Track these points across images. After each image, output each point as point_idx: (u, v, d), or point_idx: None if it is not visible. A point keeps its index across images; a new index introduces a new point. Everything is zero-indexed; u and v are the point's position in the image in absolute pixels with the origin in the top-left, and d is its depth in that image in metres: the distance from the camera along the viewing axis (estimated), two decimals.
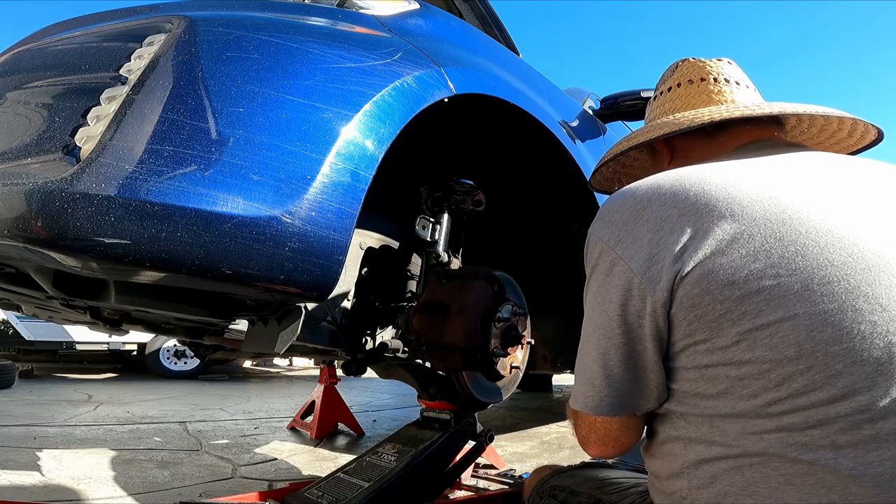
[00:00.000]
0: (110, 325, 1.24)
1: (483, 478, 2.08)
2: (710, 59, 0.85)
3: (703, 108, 0.78)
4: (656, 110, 0.87)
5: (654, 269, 0.58)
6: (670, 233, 0.58)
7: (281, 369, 8.41)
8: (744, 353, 0.53)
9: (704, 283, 0.55)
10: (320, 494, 1.24)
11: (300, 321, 0.90)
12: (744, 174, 0.61)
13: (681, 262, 0.56)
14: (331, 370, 3.12)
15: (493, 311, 1.24)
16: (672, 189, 0.61)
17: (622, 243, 0.61)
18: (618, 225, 0.63)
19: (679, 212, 0.58)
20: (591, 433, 0.68)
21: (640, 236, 0.60)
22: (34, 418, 3.04)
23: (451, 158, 1.47)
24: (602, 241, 0.64)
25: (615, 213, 0.64)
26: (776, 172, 0.62)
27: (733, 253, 0.55)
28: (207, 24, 0.84)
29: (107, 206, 0.67)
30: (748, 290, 0.53)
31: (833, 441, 0.49)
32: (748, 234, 0.55)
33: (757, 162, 0.65)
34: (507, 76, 1.35)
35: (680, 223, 0.58)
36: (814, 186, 0.59)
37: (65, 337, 5.76)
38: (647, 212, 0.61)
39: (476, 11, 2.11)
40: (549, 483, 0.86)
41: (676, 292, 0.57)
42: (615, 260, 0.61)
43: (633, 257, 0.60)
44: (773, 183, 0.59)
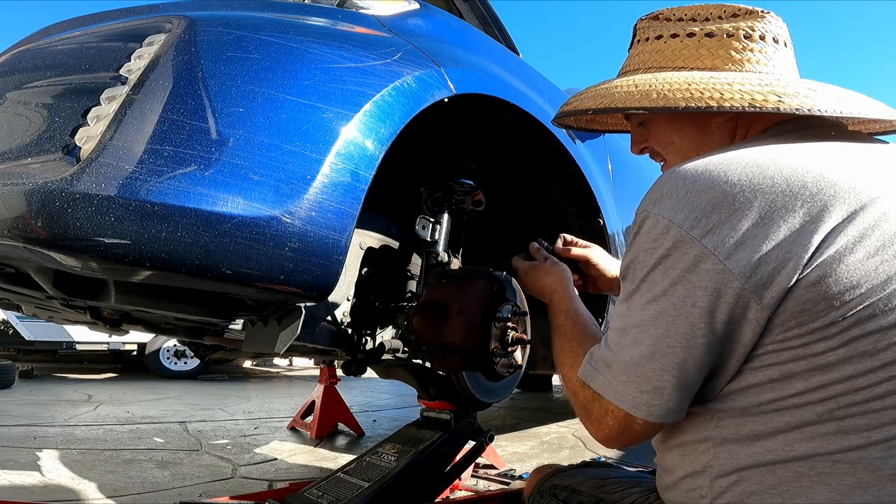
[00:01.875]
0: (110, 325, 1.24)
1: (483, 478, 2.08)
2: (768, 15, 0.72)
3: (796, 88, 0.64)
4: (709, 52, 0.71)
5: (763, 272, 0.50)
6: (782, 227, 0.50)
7: (281, 369, 8.41)
8: (840, 360, 0.50)
9: (823, 286, 0.49)
10: (320, 494, 1.24)
11: (300, 321, 0.90)
12: (850, 159, 0.56)
13: (797, 262, 0.49)
14: (331, 370, 3.12)
15: (492, 311, 1.24)
16: (779, 171, 0.52)
17: (712, 234, 0.51)
18: (703, 209, 0.53)
19: (793, 201, 0.50)
20: (607, 417, 0.60)
21: (739, 228, 0.51)
22: (34, 418, 3.04)
23: (452, 158, 1.47)
24: (678, 225, 0.53)
25: (697, 195, 0.54)
26: (873, 162, 0.57)
27: (860, 251, 0.49)
28: (207, 24, 0.84)
29: (107, 206, 0.67)
30: (867, 293, 0.49)
31: (888, 441, 0.49)
32: (872, 229, 0.50)
33: (850, 148, 0.59)
34: (507, 76, 1.35)
35: (794, 215, 0.50)
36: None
37: (65, 337, 5.77)
38: (748, 198, 0.52)
39: (476, 11, 2.11)
40: (549, 482, 0.86)
41: (786, 298, 0.50)
42: (703, 255, 0.52)
43: (732, 255, 0.50)
44: (877, 173, 0.54)
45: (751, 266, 0.50)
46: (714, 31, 0.71)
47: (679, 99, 0.65)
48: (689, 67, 0.72)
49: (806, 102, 0.62)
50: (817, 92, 0.64)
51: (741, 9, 0.72)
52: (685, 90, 0.66)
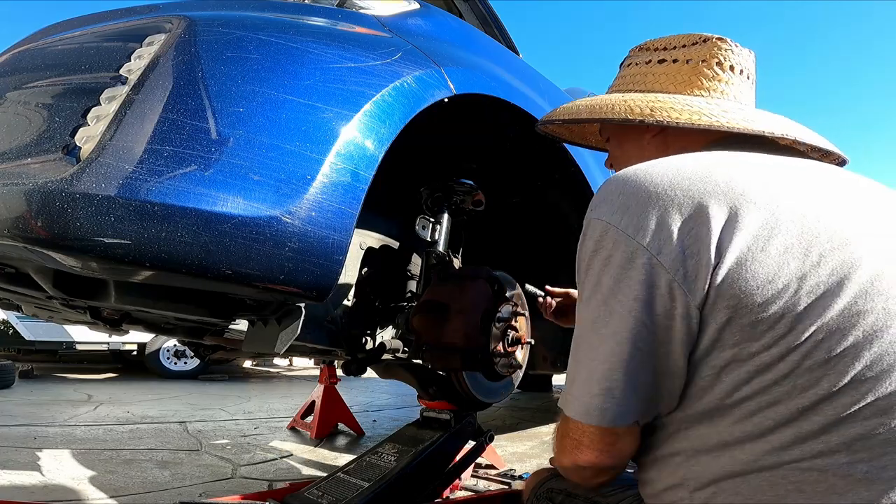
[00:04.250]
0: (110, 325, 1.24)
1: (483, 478, 2.08)
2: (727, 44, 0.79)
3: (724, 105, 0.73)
4: (653, 77, 0.80)
5: (689, 265, 0.52)
6: (704, 223, 0.52)
7: (281, 369, 8.41)
8: (774, 360, 0.50)
9: (740, 281, 0.51)
10: (320, 494, 1.24)
11: (300, 321, 0.90)
12: (767, 168, 0.59)
13: (719, 256, 0.51)
14: (331, 370, 3.12)
15: (493, 311, 1.24)
16: (700, 174, 0.56)
17: (643, 232, 0.54)
18: (634, 209, 0.56)
19: (712, 199, 0.53)
20: (584, 437, 0.60)
21: (666, 224, 0.54)
22: (34, 418, 3.04)
23: (452, 158, 1.47)
24: (614, 226, 0.56)
25: (629, 197, 0.57)
26: (797, 173, 0.60)
27: (771, 248, 0.51)
28: (207, 24, 0.84)
29: (107, 205, 0.67)
30: (783, 289, 0.50)
31: (850, 446, 0.49)
32: (784, 228, 0.52)
33: (773, 160, 0.63)
34: (507, 76, 1.35)
35: (714, 212, 0.53)
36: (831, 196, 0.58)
37: (65, 337, 5.76)
38: (671, 195, 0.55)
39: (476, 11, 2.11)
40: (546, 485, 0.86)
41: (711, 291, 0.52)
42: (637, 251, 0.54)
43: (662, 249, 0.53)
44: (798, 182, 0.58)
45: (678, 259, 0.52)
46: (678, 57, 0.79)
47: (584, 112, 0.77)
48: (633, 90, 0.81)
49: (672, 115, 0.70)
50: (728, 112, 0.71)
51: (701, 37, 0.79)
52: (593, 106, 0.77)
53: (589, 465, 0.61)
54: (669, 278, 0.53)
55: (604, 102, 0.76)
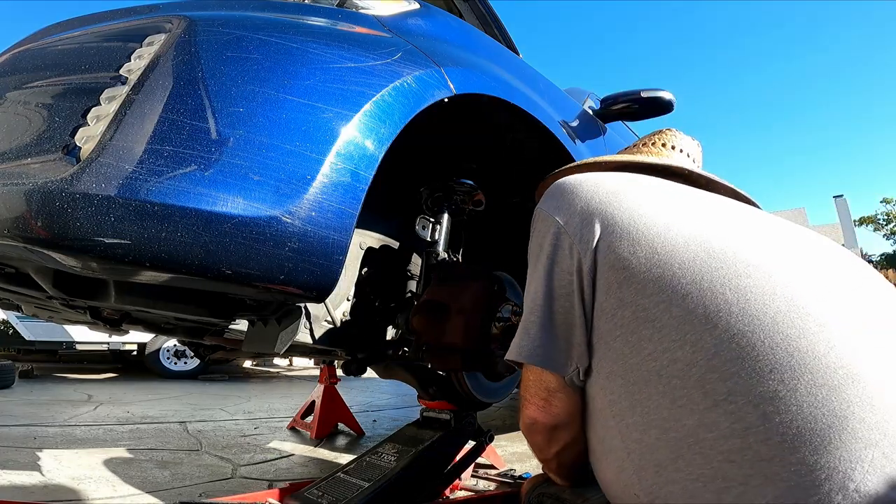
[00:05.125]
0: (110, 325, 1.24)
1: (483, 478, 2.08)
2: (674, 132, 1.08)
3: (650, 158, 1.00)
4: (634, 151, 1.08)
5: (584, 234, 0.70)
6: (596, 213, 0.71)
7: (281, 369, 8.41)
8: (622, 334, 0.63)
9: (610, 254, 0.67)
10: (320, 494, 1.24)
11: (300, 321, 0.90)
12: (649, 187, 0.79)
13: (602, 230, 0.69)
14: (331, 370, 3.12)
15: (493, 311, 1.24)
16: (604, 187, 0.77)
17: (561, 212, 0.75)
18: (559, 202, 0.77)
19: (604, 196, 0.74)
20: (526, 390, 0.74)
21: (574, 208, 0.74)
22: (34, 418, 3.04)
23: (452, 158, 1.47)
24: (546, 212, 0.77)
25: (561, 192, 0.79)
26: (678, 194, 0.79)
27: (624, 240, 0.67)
28: (207, 24, 0.84)
29: (107, 206, 0.67)
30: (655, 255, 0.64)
31: (758, 406, 0.53)
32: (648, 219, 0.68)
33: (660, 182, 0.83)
34: (507, 76, 1.35)
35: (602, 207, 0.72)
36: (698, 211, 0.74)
37: (65, 337, 5.76)
38: (580, 192, 0.76)
39: (476, 11, 2.11)
40: (537, 490, 0.87)
41: (598, 255, 0.68)
42: (554, 225, 0.74)
43: (569, 222, 0.72)
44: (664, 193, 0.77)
45: (577, 229, 0.71)
46: (636, 142, 1.10)
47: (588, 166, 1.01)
48: None
49: (606, 158, 1.00)
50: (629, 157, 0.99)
51: (669, 131, 1.09)
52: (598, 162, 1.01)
53: (531, 420, 0.74)
54: (570, 241, 0.71)
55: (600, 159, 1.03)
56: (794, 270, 0.62)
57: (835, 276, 0.65)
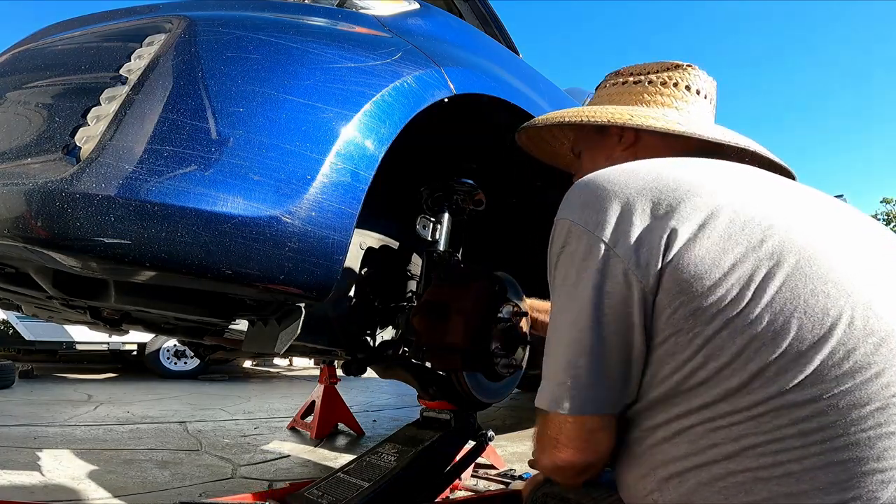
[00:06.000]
0: (110, 325, 1.24)
1: (483, 478, 2.08)
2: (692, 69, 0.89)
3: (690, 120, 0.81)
4: (628, 95, 0.88)
5: (642, 254, 0.56)
6: (650, 216, 0.58)
7: (281, 369, 8.41)
8: (725, 342, 0.53)
9: (690, 266, 0.55)
10: (320, 494, 1.24)
11: (300, 321, 0.90)
12: (710, 168, 0.66)
13: (668, 245, 0.56)
14: (331, 370, 3.12)
15: (493, 311, 1.24)
16: (650, 174, 0.62)
17: (601, 226, 0.59)
18: (593, 209, 0.61)
19: (660, 195, 0.59)
20: (561, 434, 0.61)
21: (621, 220, 0.59)
22: (34, 418, 3.04)
23: (452, 158, 1.47)
24: (576, 223, 0.61)
25: (589, 197, 0.63)
26: (736, 172, 0.68)
27: (714, 235, 0.56)
28: (207, 24, 0.83)
29: (107, 205, 0.67)
30: (731, 273, 0.54)
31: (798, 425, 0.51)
32: (724, 217, 0.57)
33: (716, 162, 0.70)
34: (507, 76, 1.35)
35: (658, 207, 0.58)
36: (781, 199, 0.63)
37: (65, 337, 5.76)
38: (626, 194, 0.60)
39: (476, 11, 2.11)
40: (541, 491, 0.86)
41: (663, 278, 0.56)
42: (594, 242, 0.58)
43: (618, 241, 0.58)
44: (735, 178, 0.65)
45: (631, 249, 0.57)
46: (642, 79, 0.88)
47: (568, 116, 0.84)
48: (609, 104, 0.88)
49: (648, 121, 0.78)
50: (674, 118, 0.80)
51: (673, 64, 0.89)
52: (577, 112, 0.84)
53: (567, 463, 0.62)
54: (624, 267, 0.57)
55: (587, 110, 0.84)
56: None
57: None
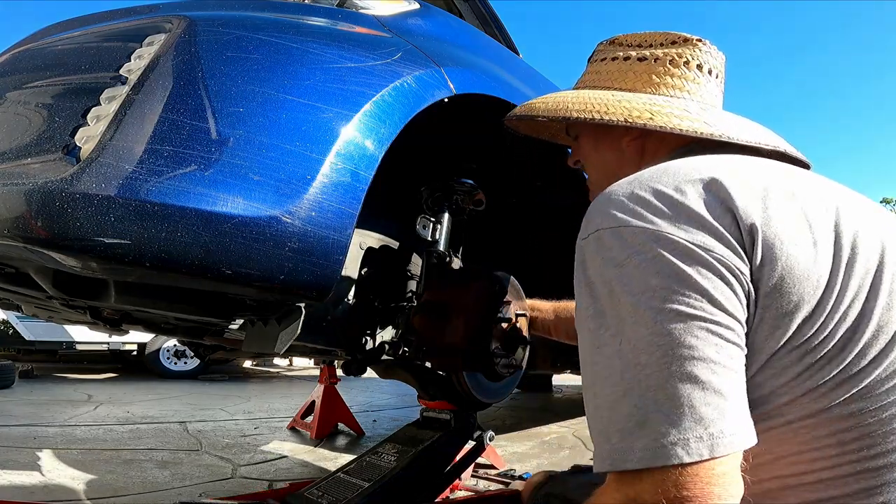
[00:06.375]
0: (110, 325, 1.24)
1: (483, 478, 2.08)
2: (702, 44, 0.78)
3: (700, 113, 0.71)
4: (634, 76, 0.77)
5: (740, 260, 0.49)
6: (744, 217, 0.50)
7: (281, 369, 8.41)
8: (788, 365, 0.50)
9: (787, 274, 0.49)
10: (320, 494, 1.24)
11: (300, 321, 0.90)
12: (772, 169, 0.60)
13: (764, 250, 0.49)
14: (331, 370, 3.12)
15: (493, 311, 1.24)
16: (727, 172, 0.54)
17: (692, 232, 0.49)
18: (656, 207, 0.51)
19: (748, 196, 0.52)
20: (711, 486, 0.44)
21: (709, 223, 0.50)
22: (34, 418, 3.04)
23: (452, 158, 1.47)
24: (658, 229, 0.50)
25: (646, 194, 0.53)
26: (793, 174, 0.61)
27: (806, 241, 0.51)
28: (207, 24, 0.83)
29: (107, 205, 0.67)
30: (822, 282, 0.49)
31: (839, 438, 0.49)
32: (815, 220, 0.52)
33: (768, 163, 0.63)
34: (508, 76, 1.35)
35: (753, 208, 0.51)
36: None
37: (65, 337, 5.77)
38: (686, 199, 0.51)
39: (476, 11, 2.11)
40: (543, 490, 0.86)
41: (762, 286, 0.49)
42: (691, 251, 0.48)
43: (714, 247, 0.48)
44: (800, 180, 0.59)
45: (729, 255, 0.49)
46: (647, 55, 0.77)
47: (575, 110, 0.72)
48: (615, 88, 0.78)
49: (672, 121, 0.67)
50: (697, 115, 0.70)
51: (680, 37, 0.78)
52: (585, 103, 0.72)
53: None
54: (726, 274, 0.48)
55: (596, 100, 0.72)
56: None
57: None
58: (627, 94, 0.74)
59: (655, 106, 0.70)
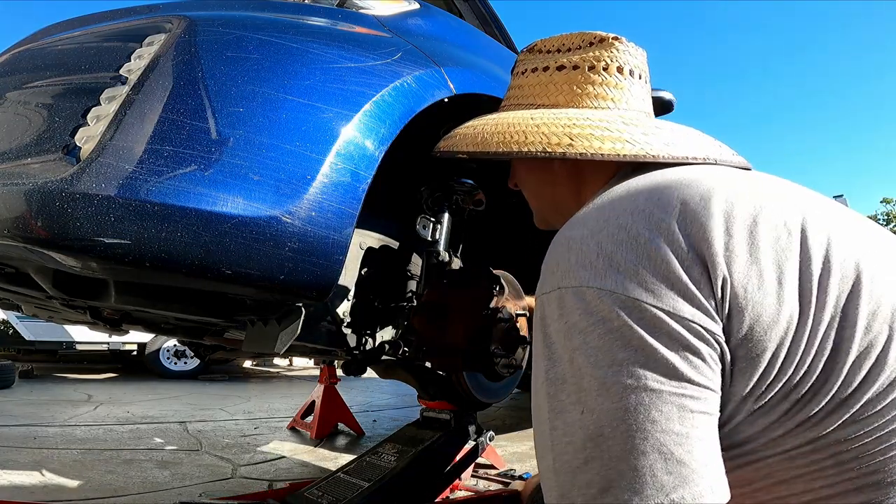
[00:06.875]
0: (110, 325, 1.24)
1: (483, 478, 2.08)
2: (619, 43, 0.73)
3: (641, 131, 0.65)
4: (555, 88, 0.72)
5: (708, 318, 0.47)
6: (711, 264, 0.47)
7: (281, 369, 8.41)
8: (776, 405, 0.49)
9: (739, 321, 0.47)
10: (320, 494, 1.24)
11: (300, 321, 0.90)
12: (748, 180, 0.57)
13: (733, 299, 0.47)
14: (331, 370, 3.12)
15: (493, 311, 1.24)
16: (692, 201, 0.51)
17: (649, 293, 0.47)
18: (626, 268, 0.48)
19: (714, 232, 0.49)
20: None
21: (674, 276, 0.47)
22: (34, 418, 3.04)
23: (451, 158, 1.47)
24: (609, 291, 0.47)
25: (612, 252, 0.49)
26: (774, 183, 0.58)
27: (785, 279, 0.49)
28: (207, 24, 0.84)
29: (107, 205, 0.67)
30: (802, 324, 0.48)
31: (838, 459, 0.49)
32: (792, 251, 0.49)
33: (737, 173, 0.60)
34: (507, 76, 1.35)
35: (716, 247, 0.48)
36: None
37: (65, 337, 5.77)
38: (658, 245, 0.48)
39: (476, 11, 2.11)
40: (541, 491, 0.86)
41: (731, 342, 0.47)
42: (655, 316, 0.46)
43: (676, 307, 0.46)
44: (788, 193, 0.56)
45: (695, 315, 0.47)
46: (565, 63, 0.71)
47: (494, 143, 0.66)
48: (537, 104, 0.72)
49: (593, 145, 0.62)
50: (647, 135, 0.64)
51: (596, 37, 0.72)
52: (503, 132, 0.66)
53: None
54: (694, 344, 0.46)
55: (515, 128, 0.67)
56: None
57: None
58: (547, 114, 0.68)
59: (575, 128, 0.65)
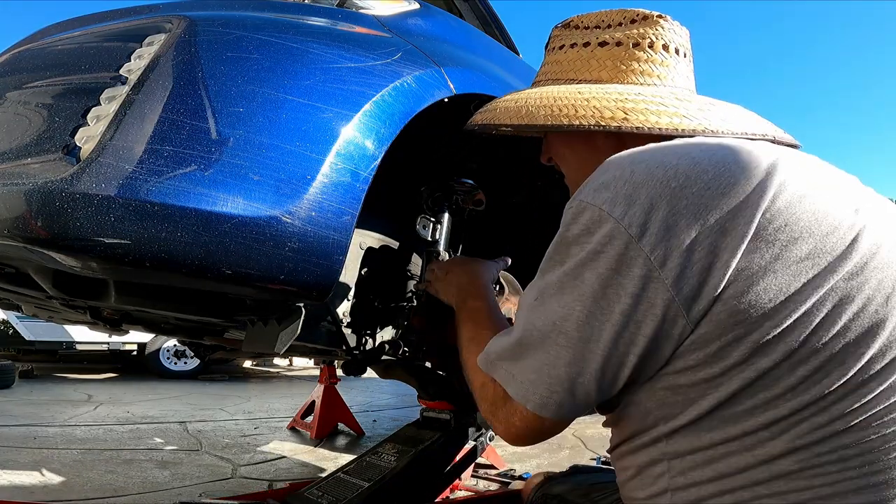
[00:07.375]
0: (110, 325, 1.24)
1: (483, 478, 2.08)
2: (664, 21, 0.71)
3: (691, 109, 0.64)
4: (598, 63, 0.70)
5: (695, 282, 0.47)
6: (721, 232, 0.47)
7: (281, 369, 8.41)
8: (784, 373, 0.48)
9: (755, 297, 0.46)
10: (320, 494, 1.24)
11: (300, 321, 0.90)
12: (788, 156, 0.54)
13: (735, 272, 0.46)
14: (331, 370, 3.12)
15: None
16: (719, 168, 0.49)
17: (648, 234, 0.47)
18: (642, 204, 0.48)
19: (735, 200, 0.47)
20: (514, 417, 0.57)
21: (678, 231, 0.46)
22: (34, 418, 3.04)
23: (452, 158, 1.47)
24: (615, 220, 0.48)
25: (636, 187, 0.49)
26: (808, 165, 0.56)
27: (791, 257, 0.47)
28: (207, 24, 0.84)
29: (107, 205, 0.67)
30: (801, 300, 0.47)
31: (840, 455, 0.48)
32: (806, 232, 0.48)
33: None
34: (508, 76, 1.35)
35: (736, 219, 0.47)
36: None
37: (65, 337, 5.77)
38: (691, 198, 0.47)
39: (476, 11, 2.11)
40: (540, 491, 0.86)
41: (716, 308, 0.47)
42: (635, 257, 0.47)
43: (667, 261, 0.46)
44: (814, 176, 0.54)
45: (682, 275, 0.47)
46: (607, 39, 0.70)
47: (541, 116, 0.65)
48: (578, 79, 0.71)
49: (650, 119, 0.61)
50: (703, 111, 0.63)
51: (639, 14, 0.70)
52: (551, 106, 0.65)
53: (520, 442, 0.60)
54: (668, 297, 0.47)
55: (563, 101, 0.66)
56: None
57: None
58: (594, 88, 0.67)
59: (628, 102, 0.64)
